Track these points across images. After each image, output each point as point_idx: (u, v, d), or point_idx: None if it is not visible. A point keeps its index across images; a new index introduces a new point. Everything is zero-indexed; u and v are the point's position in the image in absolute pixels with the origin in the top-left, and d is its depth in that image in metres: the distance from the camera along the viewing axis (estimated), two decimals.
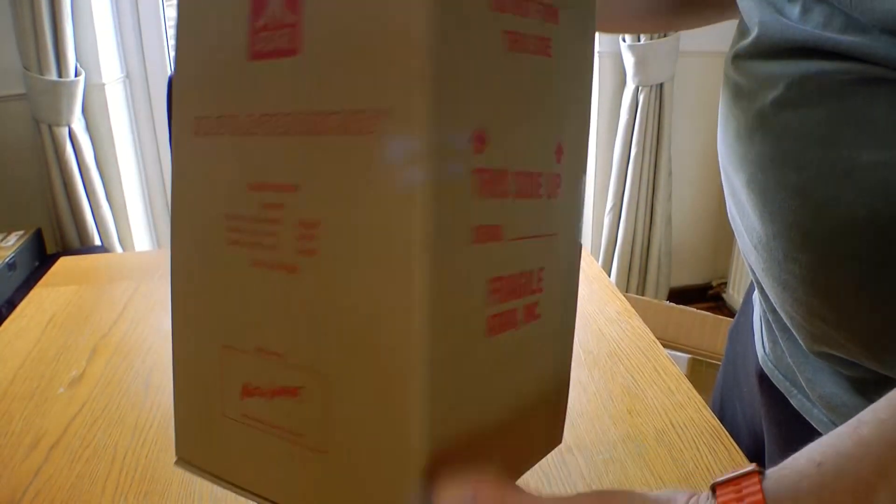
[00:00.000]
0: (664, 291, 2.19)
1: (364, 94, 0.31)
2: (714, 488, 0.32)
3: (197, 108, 0.37)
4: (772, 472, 0.32)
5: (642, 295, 2.12)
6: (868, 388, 0.45)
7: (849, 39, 0.37)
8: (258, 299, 0.35)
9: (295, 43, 0.33)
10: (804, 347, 0.48)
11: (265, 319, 0.35)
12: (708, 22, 0.64)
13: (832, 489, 0.29)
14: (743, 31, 0.47)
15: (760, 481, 0.31)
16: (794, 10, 0.41)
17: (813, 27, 0.39)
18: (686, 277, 2.31)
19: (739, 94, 0.45)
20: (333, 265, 0.33)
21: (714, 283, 2.33)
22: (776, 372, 0.54)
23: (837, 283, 0.41)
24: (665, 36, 1.91)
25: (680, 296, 2.22)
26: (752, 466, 0.32)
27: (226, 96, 0.36)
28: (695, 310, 1.69)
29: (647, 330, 0.79)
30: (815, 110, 0.40)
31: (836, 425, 0.34)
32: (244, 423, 0.37)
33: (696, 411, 0.64)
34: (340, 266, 0.33)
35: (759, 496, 0.30)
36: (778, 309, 0.48)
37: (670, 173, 2.07)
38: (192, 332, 0.39)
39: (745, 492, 0.31)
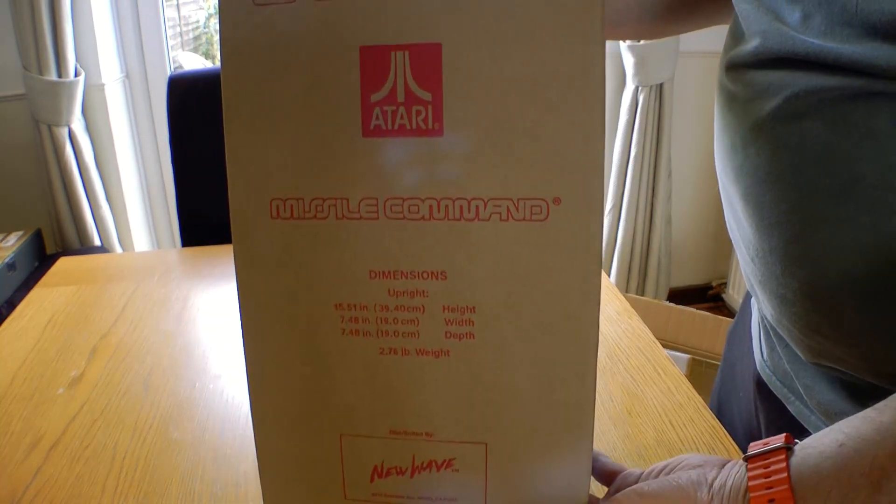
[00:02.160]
0: (664, 291, 2.19)
1: (533, 183, 0.31)
2: (747, 460, 0.34)
3: (272, 189, 0.33)
4: (799, 447, 0.33)
5: (642, 295, 2.12)
6: (866, 396, 0.45)
7: (850, 50, 0.37)
8: (392, 386, 0.34)
9: (436, 122, 0.31)
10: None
11: (403, 404, 0.34)
12: (698, 27, 0.63)
13: (850, 472, 0.30)
14: (737, 36, 0.45)
15: (787, 458, 0.32)
16: (795, 16, 0.40)
17: (814, 35, 0.38)
18: (686, 277, 2.31)
19: (734, 104, 0.44)
20: (494, 346, 0.33)
21: (714, 284, 2.33)
22: (774, 378, 0.53)
23: (838, 300, 0.40)
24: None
25: (680, 296, 2.22)
26: (781, 441, 0.33)
27: (326, 176, 0.32)
28: (695, 310, 1.69)
29: (647, 330, 0.79)
30: (813, 123, 0.39)
31: None
32: (374, 500, 0.36)
33: (695, 411, 0.64)
34: (503, 346, 0.33)
35: (785, 475, 0.31)
36: (774, 322, 0.48)
37: (670, 173, 2.07)
38: (290, 426, 0.36)
39: (771, 468, 0.32)
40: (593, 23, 0.29)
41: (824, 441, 0.32)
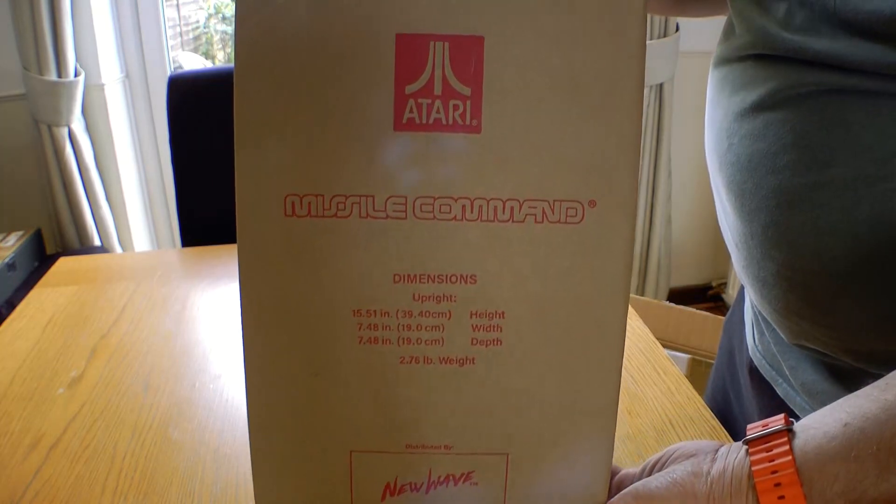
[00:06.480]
0: (664, 291, 2.19)
1: (570, 185, 0.30)
2: (747, 444, 0.33)
3: (288, 184, 0.30)
4: (800, 428, 0.32)
5: (642, 295, 2.12)
6: (846, 377, 0.46)
7: (828, 46, 0.39)
8: (412, 397, 0.33)
9: (473, 118, 0.29)
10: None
11: (422, 416, 0.33)
12: (701, 15, 0.66)
13: (857, 453, 0.29)
14: (728, 32, 0.48)
15: (790, 440, 0.31)
16: (780, 13, 0.42)
17: (795, 32, 0.40)
18: (686, 277, 2.31)
19: (721, 97, 0.46)
20: (521, 353, 0.32)
21: (714, 284, 2.33)
22: (763, 361, 0.55)
23: (812, 282, 0.42)
24: (665, 36, 1.90)
25: (680, 296, 2.22)
26: (781, 423, 0.32)
27: (351, 171, 0.30)
28: (695, 310, 1.69)
29: (647, 330, 0.79)
30: (790, 114, 0.41)
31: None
32: None
33: (696, 411, 0.64)
34: (530, 352, 0.32)
35: (790, 458, 0.30)
36: (757, 305, 0.50)
37: (670, 173, 2.07)
38: (293, 443, 0.34)
39: (774, 451, 0.31)
40: (636, 27, 0.28)
41: (827, 421, 0.31)
